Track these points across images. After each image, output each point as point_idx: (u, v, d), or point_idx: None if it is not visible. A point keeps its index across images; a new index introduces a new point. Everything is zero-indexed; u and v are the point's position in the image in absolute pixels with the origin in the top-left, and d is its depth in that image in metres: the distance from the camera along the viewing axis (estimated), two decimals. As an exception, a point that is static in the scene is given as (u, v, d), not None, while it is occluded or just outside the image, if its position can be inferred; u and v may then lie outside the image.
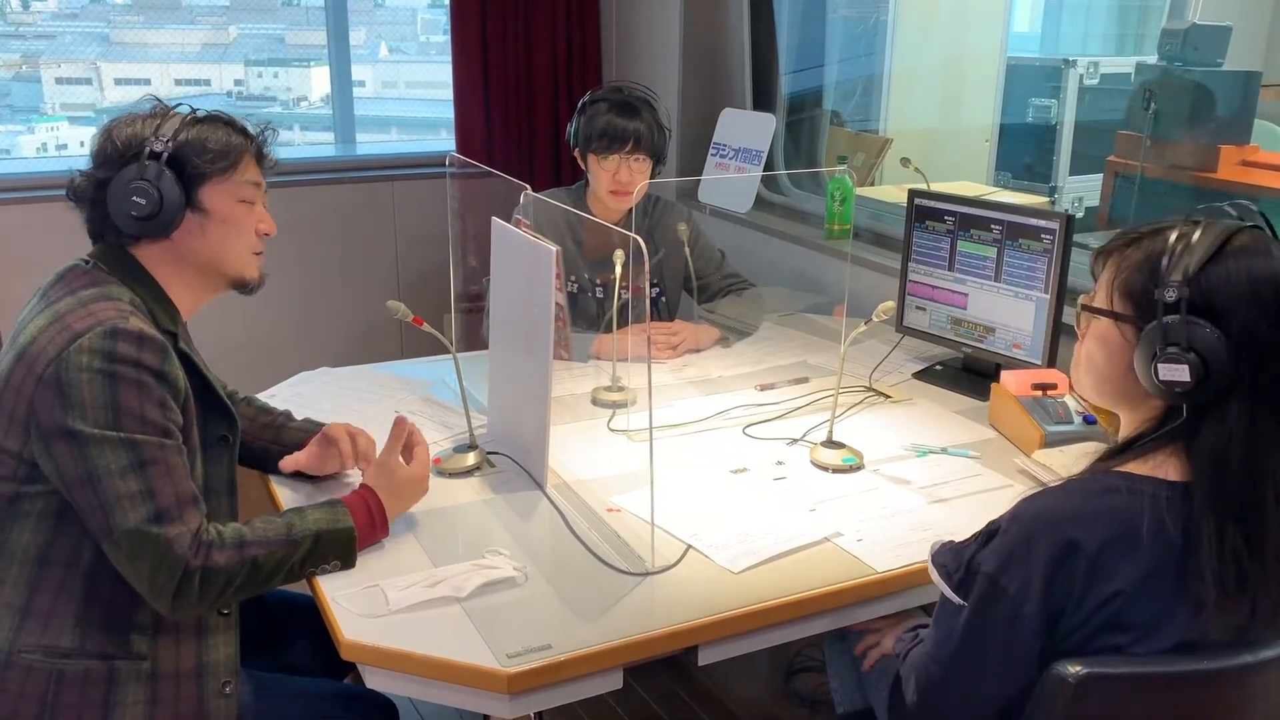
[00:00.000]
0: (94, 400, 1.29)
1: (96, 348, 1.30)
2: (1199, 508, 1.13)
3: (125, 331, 1.32)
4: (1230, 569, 1.11)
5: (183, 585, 1.31)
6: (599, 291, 2.52)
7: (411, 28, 4.57)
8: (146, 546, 1.29)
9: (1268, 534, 1.13)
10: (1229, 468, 1.12)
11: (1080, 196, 3.73)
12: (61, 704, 1.34)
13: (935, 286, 2.30)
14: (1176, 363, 1.12)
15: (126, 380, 1.31)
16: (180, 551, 1.30)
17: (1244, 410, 1.12)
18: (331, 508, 1.47)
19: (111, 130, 1.45)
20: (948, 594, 1.24)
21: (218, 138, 1.48)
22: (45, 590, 1.36)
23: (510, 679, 1.25)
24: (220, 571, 1.33)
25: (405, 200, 3.72)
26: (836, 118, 3.70)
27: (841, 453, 1.83)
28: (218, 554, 1.33)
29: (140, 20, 3.89)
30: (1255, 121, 3.09)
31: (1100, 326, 1.23)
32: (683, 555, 1.52)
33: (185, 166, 1.44)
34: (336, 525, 1.44)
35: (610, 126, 2.38)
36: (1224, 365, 1.11)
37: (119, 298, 1.39)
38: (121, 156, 1.43)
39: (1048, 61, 4.11)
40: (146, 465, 1.30)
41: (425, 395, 2.14)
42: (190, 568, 1.30)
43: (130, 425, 1.30)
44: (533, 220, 2.07)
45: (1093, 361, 1.25)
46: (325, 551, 1.43)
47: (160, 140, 1.43)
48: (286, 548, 1.39)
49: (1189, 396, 1.13)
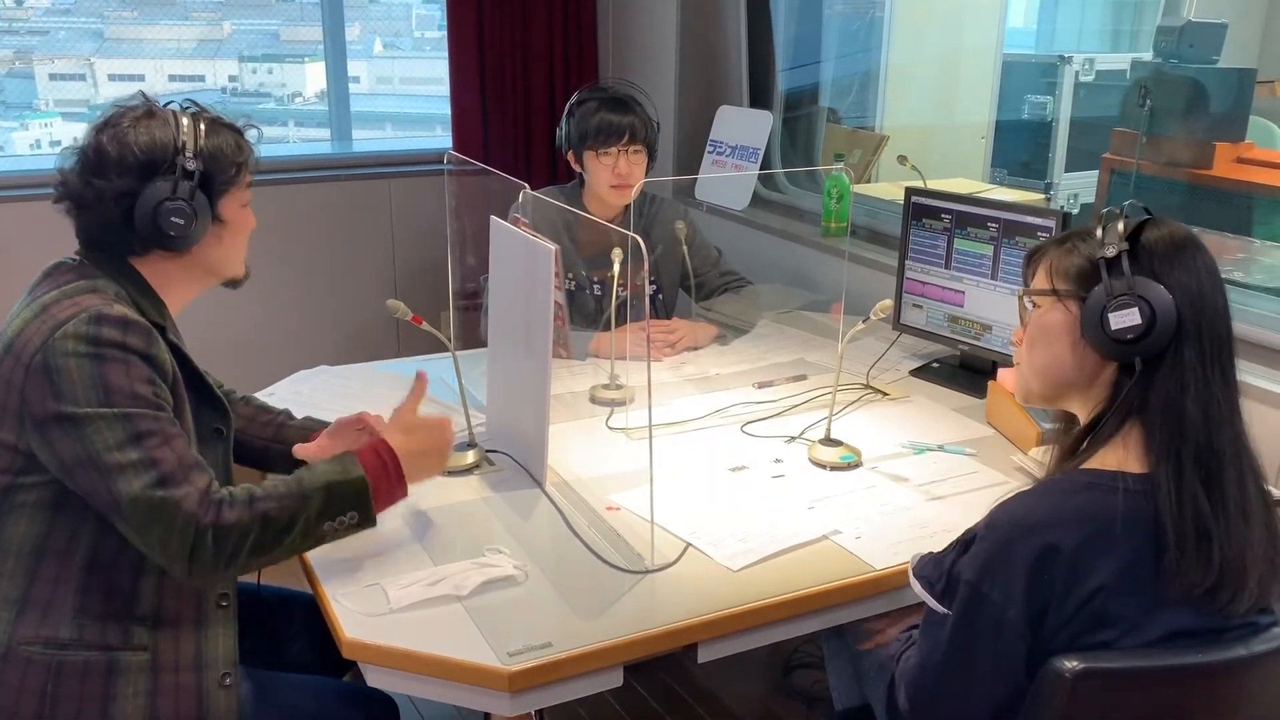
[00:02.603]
0: (83, 382, 1.29)
1: (81, 333, 1.30)
2: (1156, 457, 1.17)
3: (109, 316, 1.32)
4: (1189, 518, 1.14)
5: (197, 545, 1.29)
6: (597, 289, 2.52)
7: (406, 23, 4.56)
8: (155, 511, 1.28)
9: (1226, 481, 1.16)
10: (1185, 412, 1.16)
11: (1076, 193, 3.73)
12: (61, 695, 1.34)
13: (932, 284, 2.30)
14: (1126, 308, 1.16)
15: (113, 360, 1.30)
16: (190, 509, 1.29)
17: (1195, 358, 1.17)
18: (341, 458, 1.43)
19: (124, 133, 1.39)
20: (931, 604, 1.25)
21: (230, 145, 1.45)
22: (43, 582, 1.36)
23: (511, 677, 1.26)
24: (233, 528, 1.31)
25: (402, 197, 3.71)
26: (833, 115, 3.70)
27: (839, 450, 1.83)
28: (228, 511, 1.31)
29: (134, 16, 3.88)
30: (1250, 118, 3.10)
31: (1041, 313, 1.27)
32: (682, 553, 1.53)
33: (213, 182, 1.42)
34: (347, 475, 1.40)
35: (606, 122, 2.39)
36: (1169, 309, 1.16)
37: (104, 290, 1.38)
38: (145, 166, 1.38)
39: (1043, 58, 4.12)
40: (143, 436, 1.30)
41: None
42: (201, 525, 1.29)
43: (121, 401, 1.30)
44: (531, 219, 2.07)
45: (1035, 350, 1.28)
46: (339, 504, 1.39)
47: (189, 154, 1.39)
48: (297, 501, 1.36)
49: (1140, 346, 1.17)
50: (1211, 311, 1.18)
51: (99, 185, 1.39)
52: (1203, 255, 1.20)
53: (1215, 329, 1.18)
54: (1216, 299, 1.19)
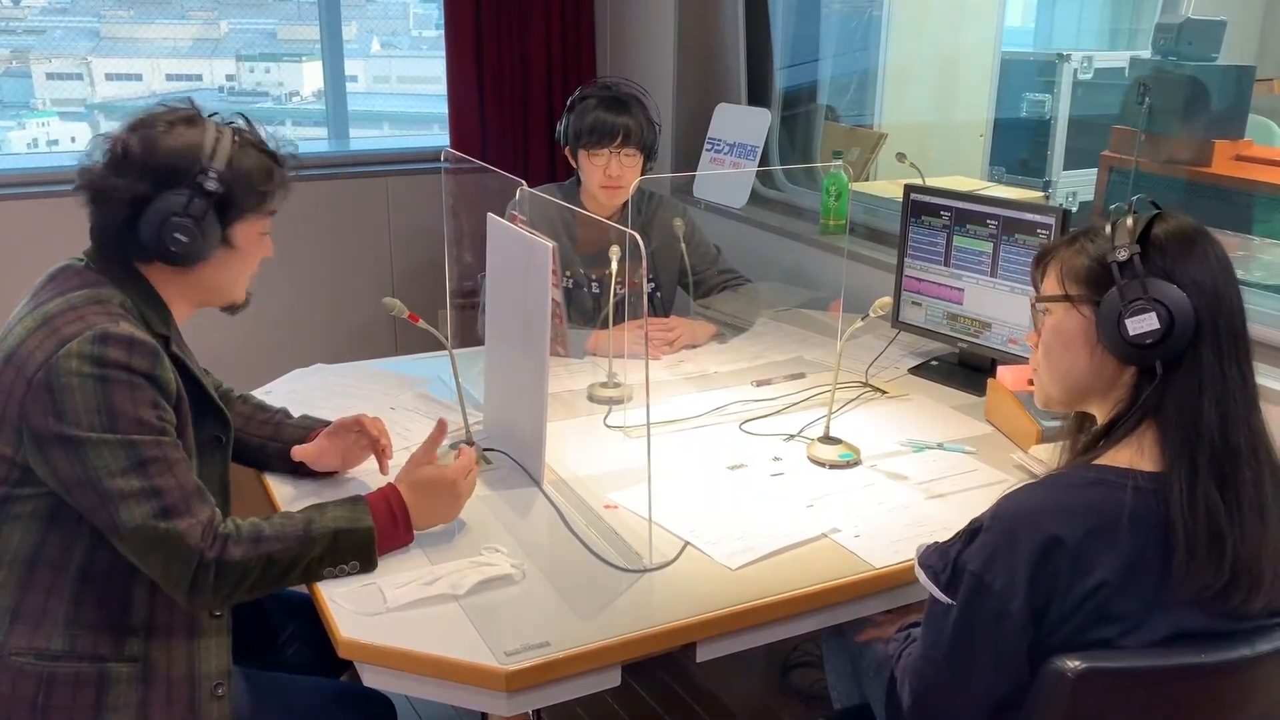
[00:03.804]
0: (86, 405, 1.27)
1: (86, 352, 1.28)
2: (1170, 457, 1.15)
3: (115, 335, 1.30)
4: (1201, 519, 1.12)
5: (198, 577, 1.29)
6: (595, 287, 2.51)
7: (404, 22, 4.55)
8: (156, 542, 1.28)
9: (1243, 481, 1.15)
10: (1202, 413, 1.15)
11: (1074, 191, 3.73)
12: (52, 707, 1.32)
13: (931, 281, 2.30)
14: (1143, 313, 1.15)
15: (118, 383, 1.29)
16: (193, 543, 1.29)
17: (1213, 358, 1.15)
18: (353, 505, 1.44)
19: (155, 136, 1.36)
20: (936, 594, 1.24)
21: (261, 171, 1.42)
22: (35, 592, 1.34)
23: (508, 677, 1.25)
24: (236, 565, 1.31)
25: (399, 196, 3.71)
26: (831, 113, 3.69)
27: (838, 448, 1.83)
28: (234, 547, 1.31)
29: (131, 15, 3.87)
30: (1249, 116, 3.10)
31: (1055, 319, 1.25)
32: (680, 552, 1.52)
33: (231, 206, 1.39)
34: (356, 525, 1.41)
35: (600, 122, 2.39)
36: (1186, 311, 1.14)
37: (109, 300, 1.36)
38: (165, 174, 1.35)
39: (1042, 56, 4.11)
40: (147, 463, 1.29)
41: (421, 392, 2.13)
42: (205, 559, 1.29)
43: (126, 426, 1.29)
44: (528, 216, 2.06)
45: (1052, 356, 1.27)
46: (343, 551, 1.40)
47: (213, 174, 1.36)
48: (303, 545, 1.37)
49: (1159, 350, 1.15)
50: (1227, 308, 1.17)
51: (116, 183, 1.36)
52: (1214, 248, 1.19)
53: (1232, 325, 1.17)
54: (1231, 294, 1.18)
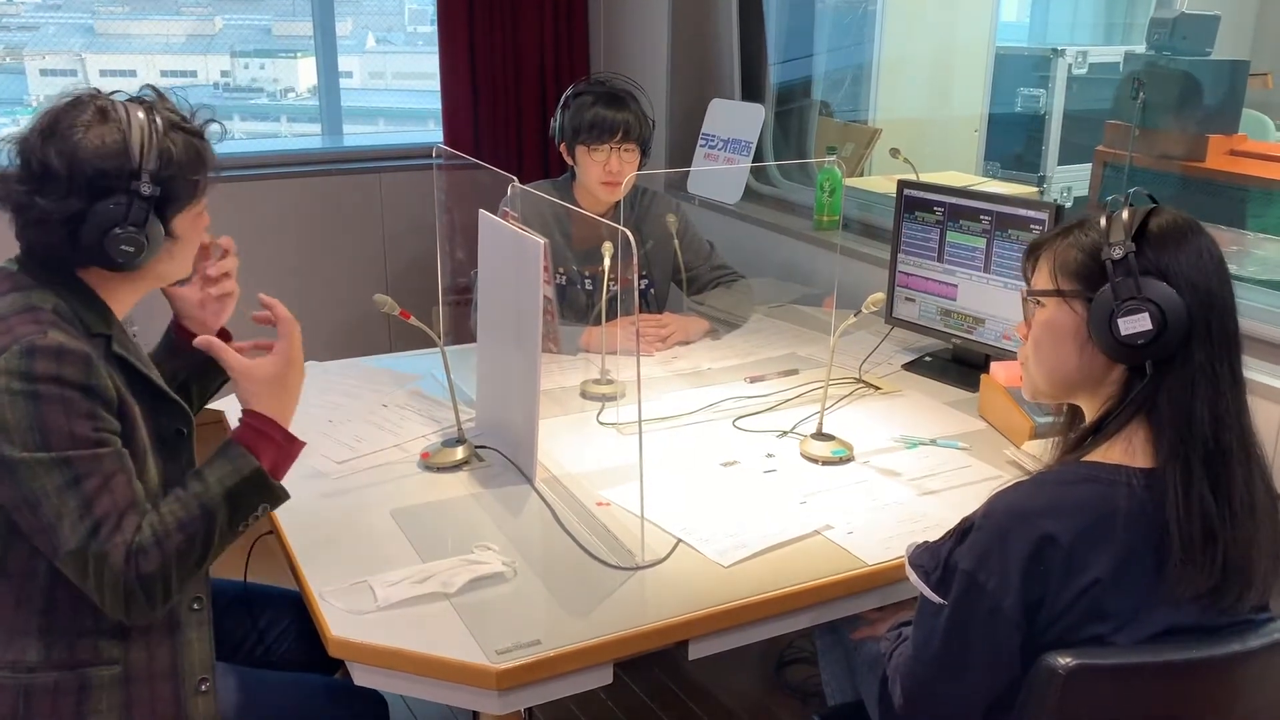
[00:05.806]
0: (17, 423, 1.23)
1: (14, 368, 1.24)
2: (1164, 459, 1.15)
3: (42, 348, 1.25)
4: (1196, 520, 1.12)
5: (129, 597, 1.26)
6: (588, 283, 2.51)
7: (398, 18, 4.55)
8: (87, 566, 1.25)
9: (1234, 480, 1.15)
10: (1194, 413, 1.14)
11: (1069, 186, 3.74)
12: (33, 718, 1.30)
13: (925, 277, 2.30)
14: (1136, 313, 1.14)
15: (49, 399, 1.24)
16: (116, 565, 1.25)
17: (1205, 357, 1.15)
18: (227, 455, 1.37)
19: (73, 146, 1.27)
20: (927, 594, 1.24)
21: (191, 157, 1.35)
22: (3, 605, 1.32)
23: (499, 675, 1.25)
24: (154, 576, 1.27)
25: (392, 192, 3.70)
26: (825, 108, 3.69)
27: (831, 445, 1.83)
28: (144, 562, 1.27)
29: (125, 11, 3.87)
30: (1243, 111, 3.10)
31: (1046, 313, 1.24)
32: (673, 549, 1.52)
33: (169, 203, 1.34)
34: (241, 472, 1.36)
35: (599, 118, 2.38)
36: (1179, 310, 1.14)
37: (41, 305, 1.30)
38: (95, 185, 1.27)
39: (1036, 51, 4.12)
40: (81, 480, 1.25)
41: (413, 389, 2.13)
42: (128, 580, 1.25)
43: (60, 443, 1.24)
44: (520, 213, 2.06)
45: (1042, 350, 1.26)
46: (245, 504, 1.35)
47: (146, 176, 1.29)
48: (205, 521, 1.32)
49: (1151, 350, 1.15)
50: (1220, 307, 1.16)
51: (44, 205, 1.27)
52: (1209, 245, 1.18)
53: (1224, 325, 1.16)
54: (1224, 293, 1.17)
